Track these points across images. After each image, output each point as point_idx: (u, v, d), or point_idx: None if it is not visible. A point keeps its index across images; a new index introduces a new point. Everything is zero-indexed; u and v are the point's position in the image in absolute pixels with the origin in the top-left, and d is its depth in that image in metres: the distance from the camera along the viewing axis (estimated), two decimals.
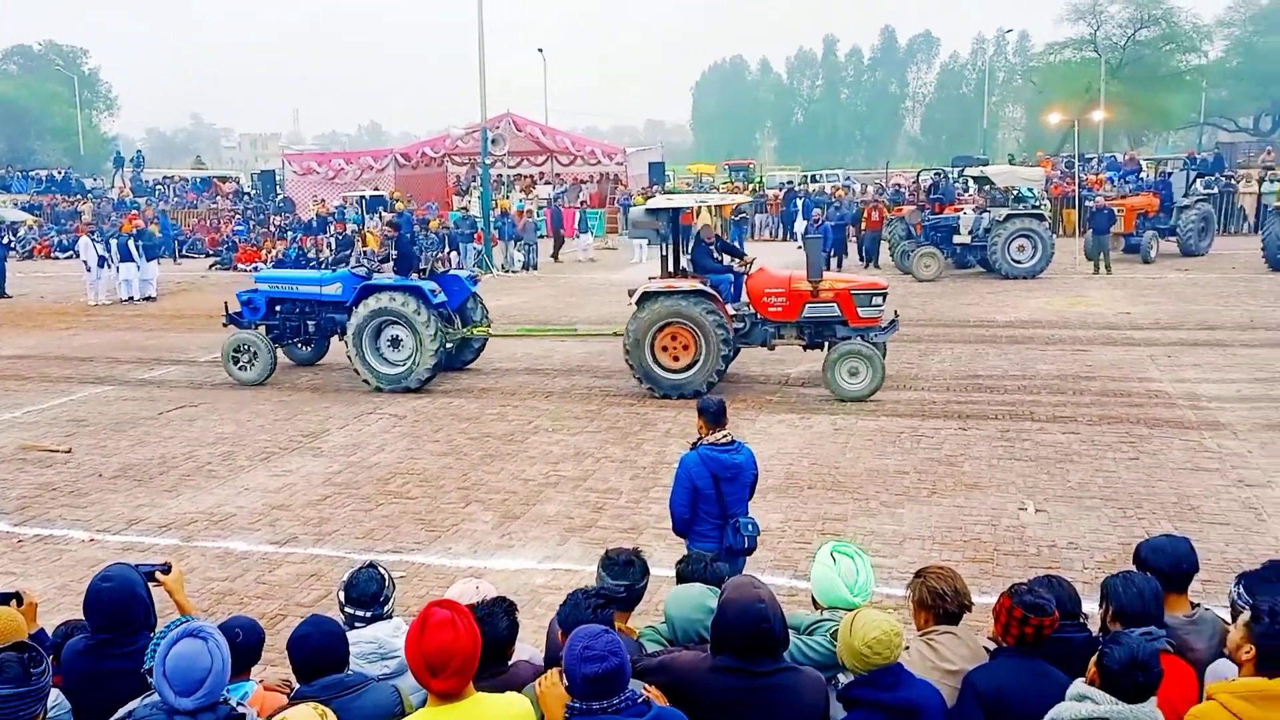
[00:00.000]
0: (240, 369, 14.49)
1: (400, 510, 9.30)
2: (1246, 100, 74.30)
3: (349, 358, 13.91)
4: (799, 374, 14.14)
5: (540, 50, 59.17)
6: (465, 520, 9.02)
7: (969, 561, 7.60)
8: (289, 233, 32.46)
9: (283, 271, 17.20)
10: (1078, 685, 3.18)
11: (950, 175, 31.00)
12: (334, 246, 31.20)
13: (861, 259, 26.78)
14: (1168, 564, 3.88)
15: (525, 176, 42.35)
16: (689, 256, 13.45)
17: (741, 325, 13.08)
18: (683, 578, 4.10)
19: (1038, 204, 24.47)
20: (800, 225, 29.75)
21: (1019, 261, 23.07)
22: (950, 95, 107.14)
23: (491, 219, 28.88)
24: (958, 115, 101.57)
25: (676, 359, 12.90)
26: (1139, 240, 25.11)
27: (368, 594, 4.00)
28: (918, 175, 33.32)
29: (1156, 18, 65.44)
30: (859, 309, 12.86)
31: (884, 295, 13.10)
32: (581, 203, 39.28)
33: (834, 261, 25.38)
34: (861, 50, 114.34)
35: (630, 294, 13.23)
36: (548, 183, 41.84)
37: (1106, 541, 7.90)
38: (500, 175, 40.45)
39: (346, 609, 4.01)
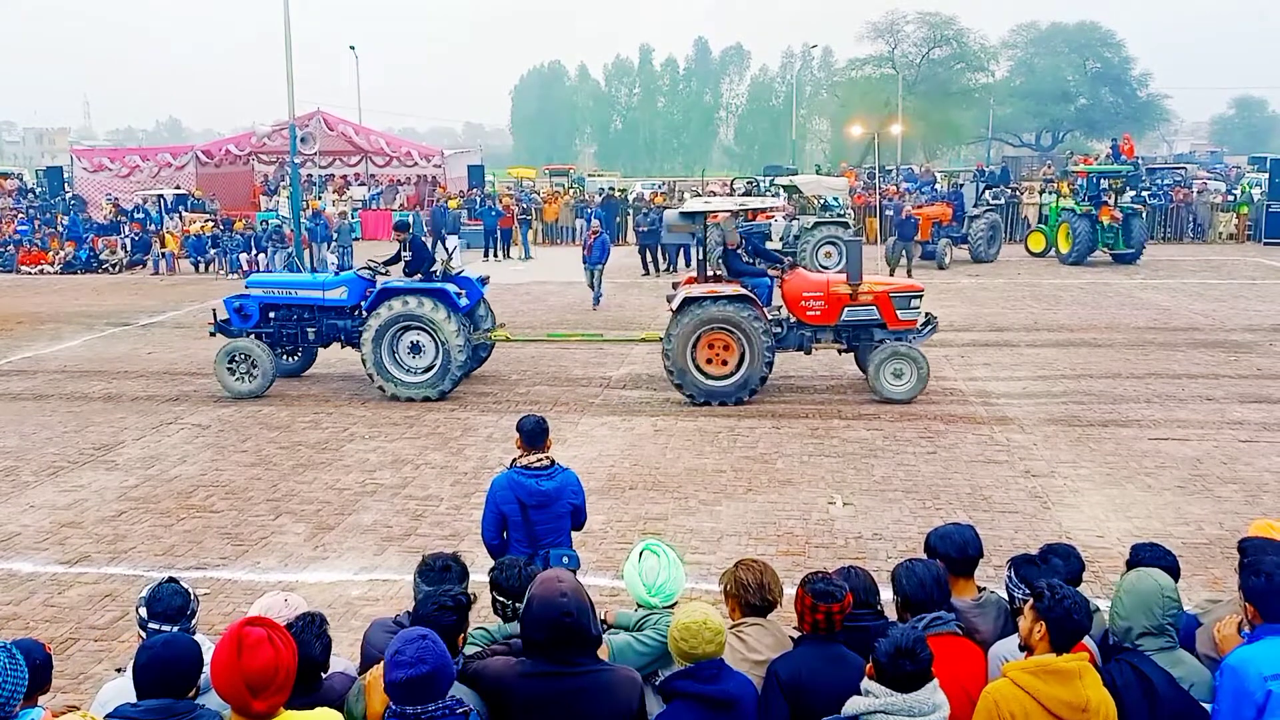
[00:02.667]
0: (237, 380, 13.32)
1: (204, 525, 8.84)
2: (1029, 117, 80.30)
3: (365, 366, 13.05)
4: (620, 376, 14.27)
5: (353, 48, 57.56)
6: (275, 533, 8.65)
7: (783, 555, 7.87)
8: (80, 233, 30.30)
9: (279, 276, 15.47)
10: (863, 681, 3.29)
11: (761, 184, 32.06)
12: (129, 248, 29.45)
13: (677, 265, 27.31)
14: (953, 550, 4.08)
15: (338, 177, 41.08)
16: (721, 261, 13.22)
17: (779, 330, 12.90)
18: (495, 585, 4.04)
19: (843, 213, 25.59)
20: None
21: (826, 267, 24.04)
22: (761, 107, 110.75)
23: (303, 220, 27.83)
24: (768, 126, 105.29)
25: (712, 363, 12.57)
26: (934, 247, 26.63)
27: (173, 607, 3.74)
28: (731, 184, 34.26)
29: (948, 38, 69.80)
30: (898, 311, 12.77)
31: (920, 297, 13.05)
32: (399, 205, 38.45)
33: (651, 264, 25.84)
34: (676, 60, 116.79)
35: (669, 300, 12.89)
36: (362, 184, 40.73)
37: (908, 531, 8.34)
38: (311, 175, 39.06)
39: (150, 625, 3.75)
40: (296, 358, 14.42)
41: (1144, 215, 28.52)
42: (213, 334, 13.92)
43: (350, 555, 8.17)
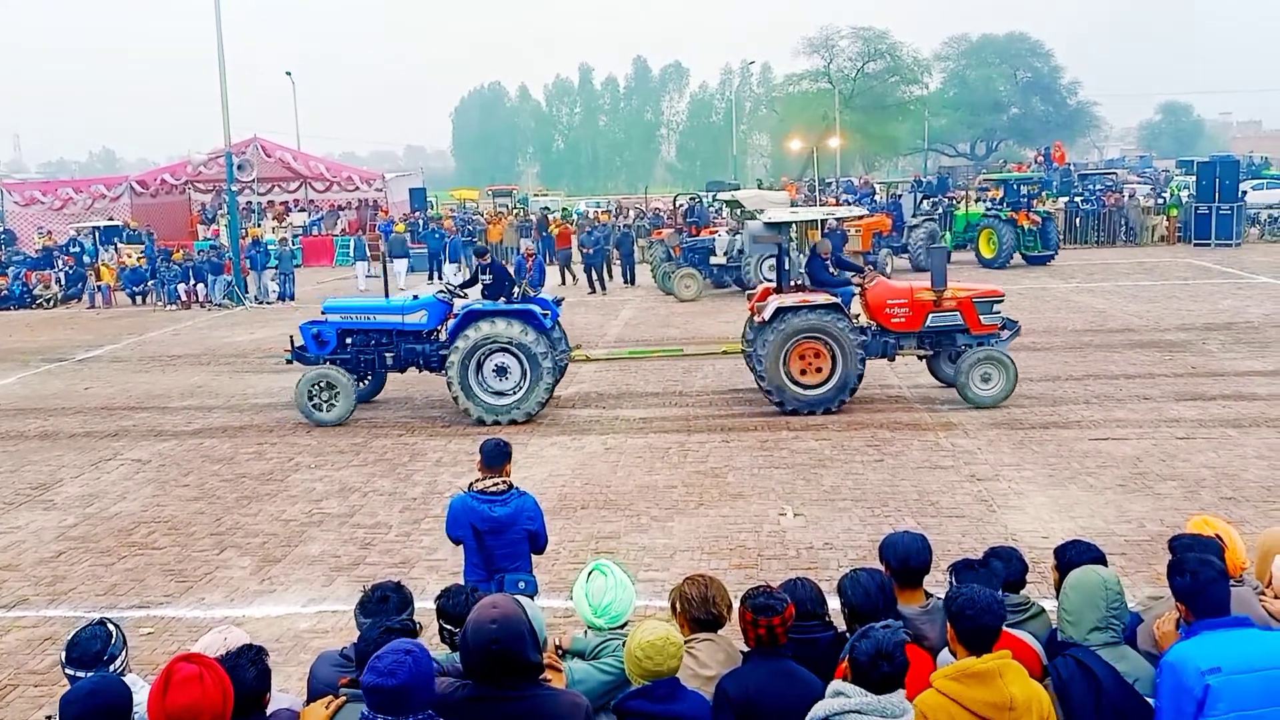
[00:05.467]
0: (318, 409, 13.00)
1: (146, 562, 8.64)
2: (962, 128, 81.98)
3: (451, 389, 12.78)
4: (570, 395, 14.23)
5: (289, 74, 57.11)
6: (220, 567, 8.49)
7: (735, 569, 7.89)
8: (10, 267, 29.61)
9: (356, 300, 15.06)
10: (835, 682, 3.31)
11: (704, 200, 32.28)
12: (63, 282, 28.84)
13: (625, 279, 27.42)
14: (897, 560, 4.12)
15: (278, 204, 40.63)
16: (805, 270, 13.18)
17: (865, 337, 12.86)
18: (442, 613, 3.99)
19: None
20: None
21: (771, 279, 24.21)
22: (702, 123, 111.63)
23: (242, 248, 27.48)
24: (709, 142, 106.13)
25: (806, 373, 12.58)
26: (875, 257, 26.97)
27: (89, 653, 3.64)
28: (675, 200, 34.45)
29: (882, 52, 70.91)
30: (981, 316, 12.83)
31: (1001, 301, 13.12)
32: (341, 230, 38.13)
33: (598, 282, 25.90)
34: (617, 79, 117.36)
35: (759, 311, 12.78)
36: (302, 210, 40.33)
37: (858, 540, 8.40)
38: (250, 202, 38.60)
39: (67, 670, 3.66)
40: (366, 383, 14.03)
41: (1057, 219, 29.44)
42: (289, 361, 13.63)
43: (298, 587, 8.03)
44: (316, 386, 12.98)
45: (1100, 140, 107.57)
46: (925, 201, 30.09)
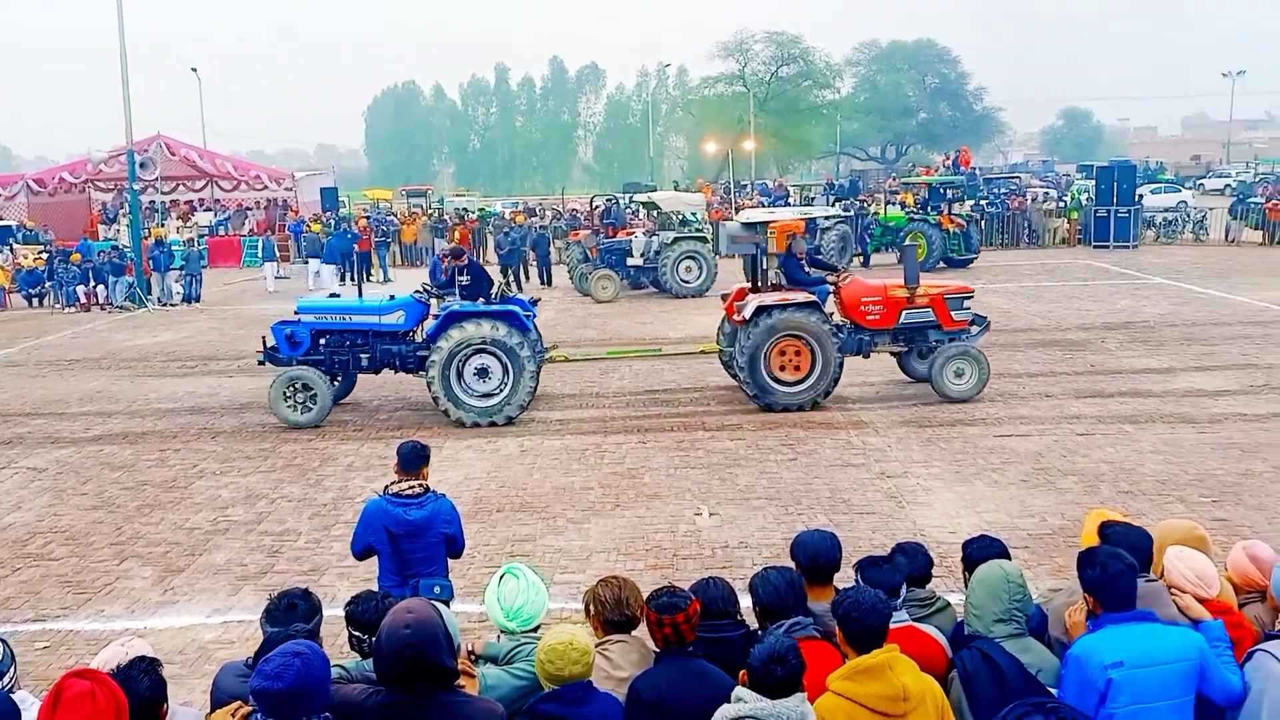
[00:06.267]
0: (293, 410, 12.66)
1: (42, 574, 8.31)
2: (874, 132, 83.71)
3: (431, 392, 12.52)
4: None
5: (194, 70, 55.60)
6: (120, 578, 8.21)
7: (651, 569, 7.91)
8: None
9: (331, 300, 14.53)
10: (736, 689, 3.31)
11: (621, 201, 32.35)
12: None
13: (542, 281, 27.32)
14: (806, 558, 4.16)
15: (182, 203, 39.50)
16: (780, 269, 13.14)
17: (841, 335, 12.98)
18: (351, 619, 3.92)
19: (701, 227, 26.02)
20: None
21: (687, 281, 24.44)
22: (619, 125, 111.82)
23: (144, 248, 26.61)
24: (627, 144, 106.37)
25: (785, 370, 12.71)
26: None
27: None
28: (591, 201, 34.44)
29: (795, 56, 71.98)
30: (952, 312, 13.14)
31: (971, 298, 13.45)
32: (249, 230, 37.22)
33: (514, 284, 25.73)
34: (534, 79, 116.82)
35: (738, 310, 12.82)
36: (208, 209, 39.26)
37: (772, 538, 8.49)
38: (153, 202, 37.46)
39: None
40: (336, 384, 13.70)
41: (979, 222, 30.08)
42: (261, 363, 13.32)
43: (202, 597, 7.81)
44: (292, 388, 12.72)
45: (1005, 145, 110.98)
46: (837, 204, 30.59)
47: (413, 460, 5.63)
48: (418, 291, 13.48)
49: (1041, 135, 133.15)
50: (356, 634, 3.89)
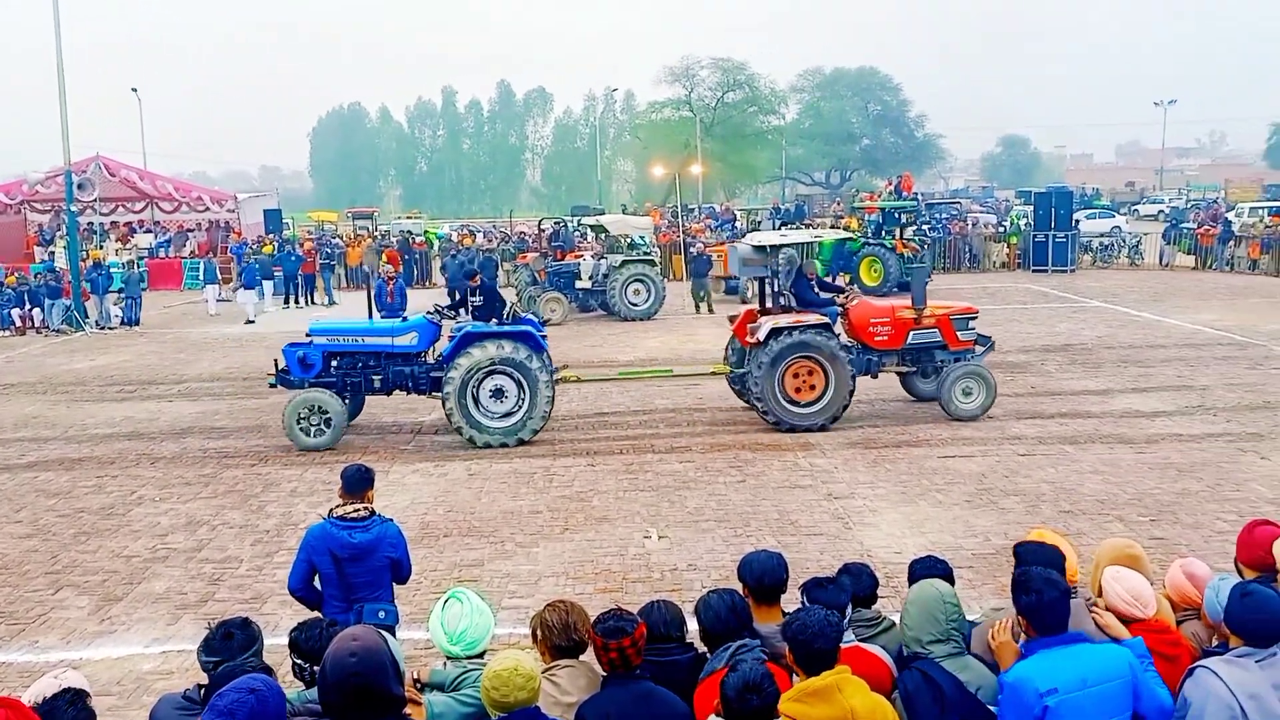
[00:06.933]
0: (306, 434, 12.52)
1: None
2: (818, 157, 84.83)
3: (447, 413, 12.49)
4: (433, 421, 14.00)
5: (135, 90, 54.77)
6: (56, 608, 7.99)
7: (600, 593, 7.88)
8: None
9: (343, 322, 14.37)
10: (710, 717, 3.31)
11: (570, 224, 32.39)
12: None
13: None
14: (752, 579, 4.17)
15: (122, 225, 38.77)
16: (791, 291, 13.21)
17: (851, 355, 13.09)
18: (295, 647, 3.85)
19: (649, 251, 26.14)
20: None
21: (635, 304, 24.53)
22: (567, 148, 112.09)
23: (82, 271, 26.06)
24: (574, 167, 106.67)
25: (800, 391, 12.81)
26: (737, 282, 27.52)
27: None
28: (540, 224, 34.42)
29: (740, 82, 72.70)
30: (958, 333, 13.38)
31: (976, 318, 13.69)
32: (190, 252, 36.63)
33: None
34: (481, 102, 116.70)
35: (752, 332, 12.92)
36: (148, 231, 38.57)
37: (721, 560, 8.51)
38: (91, 224, 36.73)
39: None
40: (346, 405, 13.40)
41: (928, 247, 30.57)
42: (273, 385, 13.16)
43: (141, 627, 7.63)
44: (306, 410, 12.58)
45: (945, 171, 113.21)
46: (784, 228, 30.88)
47: (357, 483, 5.56)
48: (430, 313, 13.46)
49: (981, 161, 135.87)
50: (300, 662, 3.82)
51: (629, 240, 25.92)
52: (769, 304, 13.55)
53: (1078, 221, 35.63)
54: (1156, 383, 15.42)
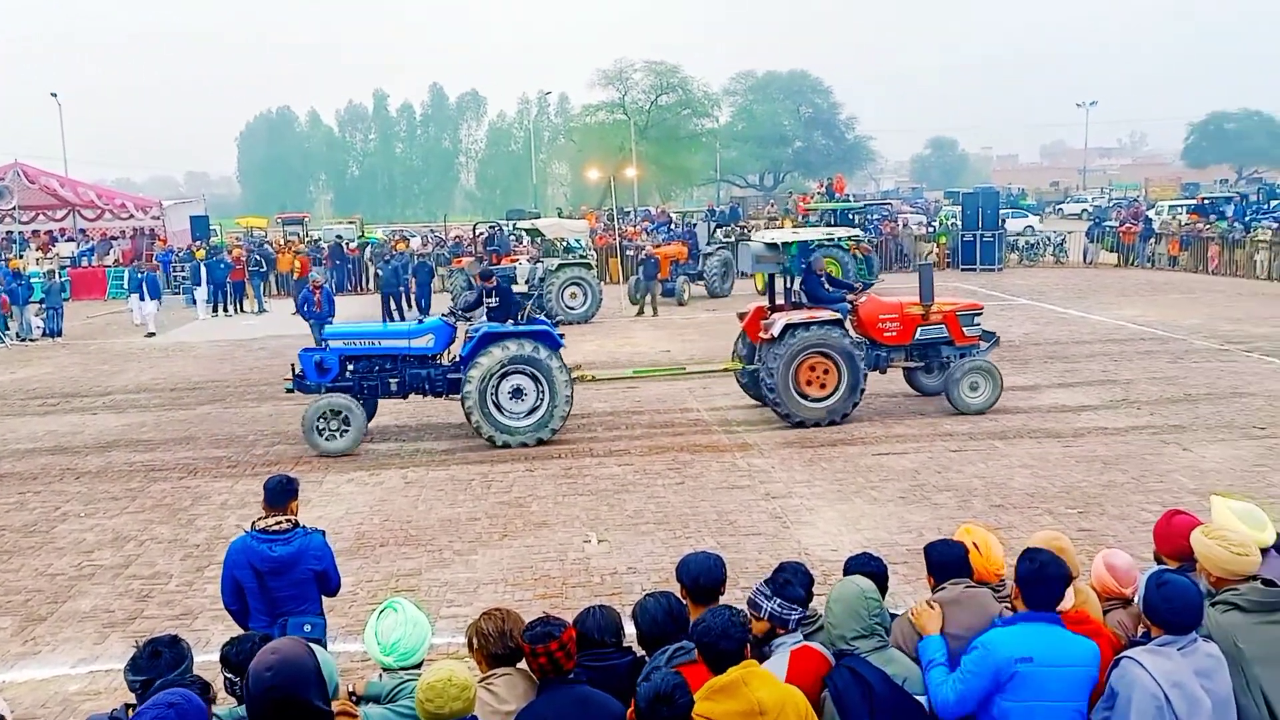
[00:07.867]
0: (326, 439, 12.41)
1: None
2: (752, 160, 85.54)
3: (468, 413, 12.52)
4: (371, 427, 13.80)
5: (54, 95, 53.23)
6: None
7: (540, 599, 7.85)
8: None
9: (359, 326, 14.05)
10: None
11: (505, 228, 32.21)
12: None
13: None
14: (689, 579, 4.19)
15: (43, 233, 37.69)
16: (802, 288, 13.27)
17: (862, 351, 13.22)
18: (226, 661, 3.78)
19: (585, 254, 26.12)
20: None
21: (572, 308, 24.49)
22: (501, 152, 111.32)
23: (1, 282, 25.24)
24: (509, 171, 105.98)
25: (812, 385, 13.01)
26: (674, 285, 27.65)
27: None
28: (474, 227, 34.19)
29: (674, 85, 72.85)
30: (964, 328, 13.68)
31: (981, 314, 14.00)
32: (114, 261, 35.74)
33: (396, 312, 25.31)
34: (413, 106, 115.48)
35: (766, 328, 13.07)
36: (70, 239, 37.56)
37: (661, 563, 8.52)
38: (10, 232, 35.66)
39: None
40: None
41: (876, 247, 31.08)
42: (290, 390, 13.08)
43: (66, 647, 7.41)
44: (325, 415, 12.43)
45: (876, 172, 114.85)
46: (719, 230, 31.08)
47: (279, 495, 5.47)
48: (445, 315, 13.46)
49: (911, 163, 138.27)
50: (231, 677, 3.76)
51: (565, 244, 25.87)
52: (779, 300, 13.82)
53: (1004, 221, 36.41)
54: (1082, 378, 15.82)
